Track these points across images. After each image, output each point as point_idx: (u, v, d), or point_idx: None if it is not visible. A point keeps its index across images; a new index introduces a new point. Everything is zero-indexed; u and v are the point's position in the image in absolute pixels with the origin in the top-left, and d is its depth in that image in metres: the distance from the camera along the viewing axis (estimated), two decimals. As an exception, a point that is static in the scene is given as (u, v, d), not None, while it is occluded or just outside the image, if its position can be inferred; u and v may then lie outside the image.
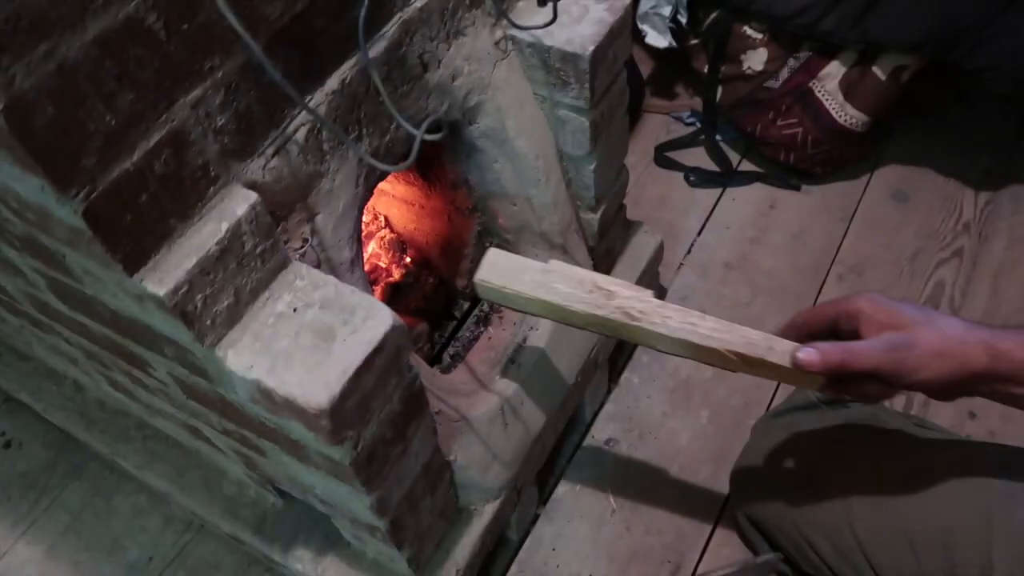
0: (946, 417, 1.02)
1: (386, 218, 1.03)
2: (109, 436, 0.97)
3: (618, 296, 0.65)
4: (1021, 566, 0.64)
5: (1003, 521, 0.66)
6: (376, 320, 0.55)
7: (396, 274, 0.99)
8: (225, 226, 0.52)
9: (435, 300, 0.97)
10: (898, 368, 0.58)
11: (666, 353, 0.66)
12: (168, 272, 0.50)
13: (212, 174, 0.52)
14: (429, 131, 0.57)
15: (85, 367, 0.88)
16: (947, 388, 0.59)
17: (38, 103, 0.40)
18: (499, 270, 0.67)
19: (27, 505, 1.06)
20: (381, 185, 0.84)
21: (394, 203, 0.99)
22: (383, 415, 0.60)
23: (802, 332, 0.64)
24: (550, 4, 0.67)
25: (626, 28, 0.77)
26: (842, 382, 0.61)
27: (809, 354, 0.59)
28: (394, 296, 0.97)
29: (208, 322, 0.53)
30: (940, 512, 0.70)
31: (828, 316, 0.63)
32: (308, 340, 0.55)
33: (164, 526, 1.03)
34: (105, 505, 1.05)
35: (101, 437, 0.97)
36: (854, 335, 0.61)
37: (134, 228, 0.48)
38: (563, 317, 0.67)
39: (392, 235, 1.02)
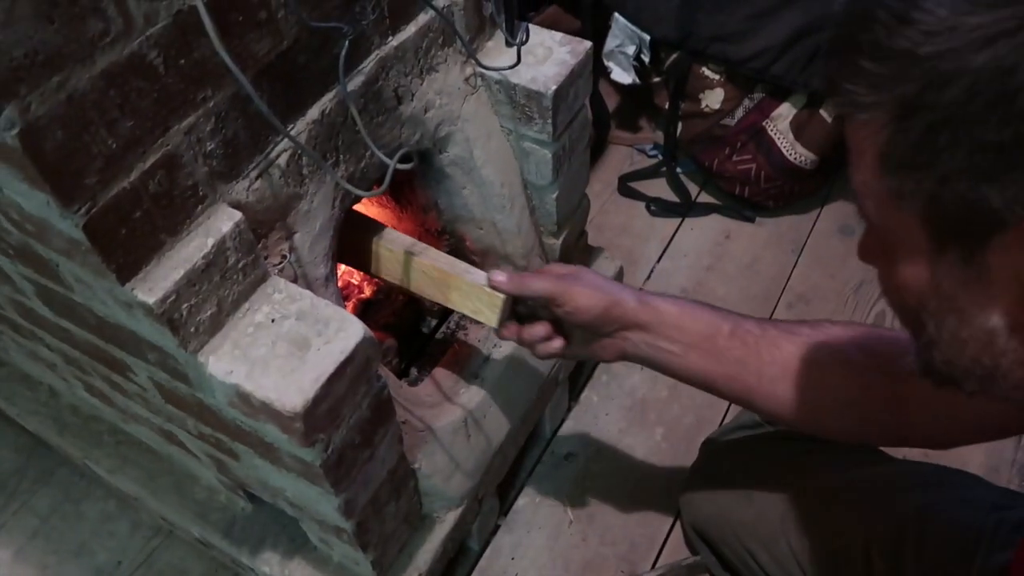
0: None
1: (359, 238, 1.07)
2: (82, 441, 0.99)
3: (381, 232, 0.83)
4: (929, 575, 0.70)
5: (915, 535, 0.72)
6: (348, 332, 0.59)
7: (368, 291, 1.03)
8: (211, 242, 0.56)
9: (404, 316, 1.01)
10: (562, 293, 0.69)
11: (393, 284, 0.82)
12: (157, 282, 0.54)
13: (200, 194, 0.56)
14: (401, 161, 0.62)
15: (63, 372, 0.90)
16: (599, 322, 0.69)
17: (49, 128, 0.44)
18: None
19: (-4, 509, 1.07)
20: (356, 207, 0.89)
21: (368, 224, 1.03)
22: (352, 421, 0.64)
23: None
24: (515, 47, 0.73)
25: (587, 69, 0.82)
26: (519, 317, 0.75)
27: (500, 273, 0.73)
28: (365, 312, 1.00)
29: (192, 329, 0.57)
30: (862, 525, 0.75)
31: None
32: (284, 349, 0.59)
33: (132, 531, 1.05)
34: (74, 510, 1.07)
35: (74, 442, 0.99)
36: None
37: (128, 241, 0.52)
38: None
39: (365, 254, 1.06)
